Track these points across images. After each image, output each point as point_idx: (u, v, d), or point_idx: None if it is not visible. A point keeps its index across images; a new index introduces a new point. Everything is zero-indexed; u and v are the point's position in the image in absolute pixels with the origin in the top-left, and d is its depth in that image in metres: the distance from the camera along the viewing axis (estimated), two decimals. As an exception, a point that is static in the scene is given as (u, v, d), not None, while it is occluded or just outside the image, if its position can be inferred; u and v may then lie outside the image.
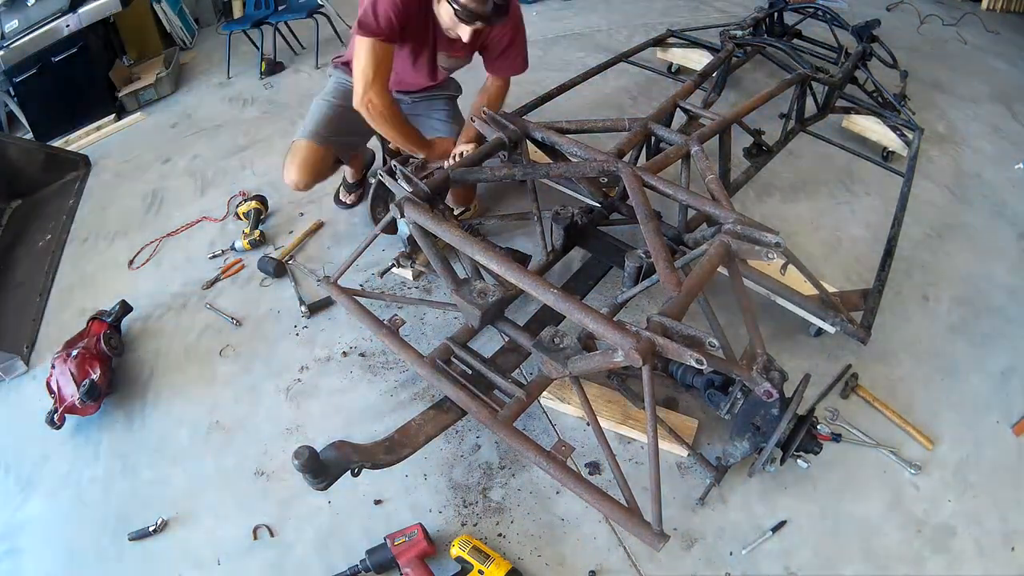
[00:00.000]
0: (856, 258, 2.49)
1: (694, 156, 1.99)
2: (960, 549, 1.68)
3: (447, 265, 1.79)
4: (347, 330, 2.20)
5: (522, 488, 1.78)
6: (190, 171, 3.08)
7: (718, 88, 2.95)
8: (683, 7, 4.68)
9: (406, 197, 1.74)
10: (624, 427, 1.85)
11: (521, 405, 1.60)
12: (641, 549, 1.64)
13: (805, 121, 2.79)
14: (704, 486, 1.75)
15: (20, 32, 3.29)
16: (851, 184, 2.88)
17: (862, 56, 3.17)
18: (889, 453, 1.86)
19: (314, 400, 2.01)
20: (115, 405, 2.04)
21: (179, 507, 1.78)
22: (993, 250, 2.60)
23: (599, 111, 3.34)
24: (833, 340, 2.10)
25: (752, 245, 1.59)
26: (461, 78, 2.51)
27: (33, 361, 2.23)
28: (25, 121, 3.53)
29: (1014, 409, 2.01)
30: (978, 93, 3.71)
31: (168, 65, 3.87)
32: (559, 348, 1.53)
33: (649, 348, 1.32)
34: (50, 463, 1.92)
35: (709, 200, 1.80)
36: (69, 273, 2.59)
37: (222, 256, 2.54)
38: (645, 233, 1.67)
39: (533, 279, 1.51)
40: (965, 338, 2.22)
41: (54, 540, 1.75)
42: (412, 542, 1.57)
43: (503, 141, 2.03)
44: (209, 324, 2.27)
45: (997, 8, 4.87)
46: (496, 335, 2.09)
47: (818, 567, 1.63)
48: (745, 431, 1.57)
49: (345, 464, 1.43)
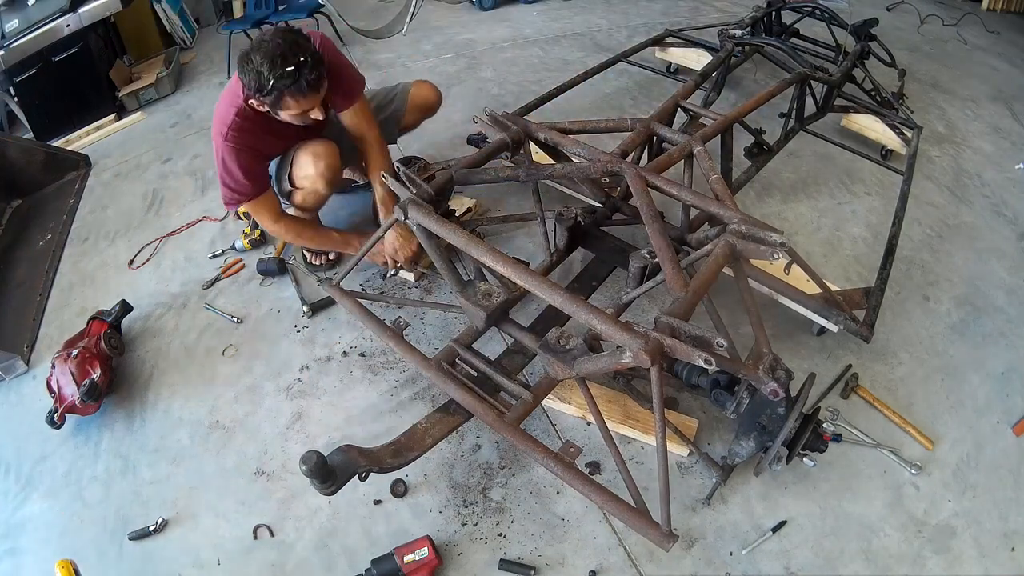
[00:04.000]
0: (856, 258, 2.49)
1: (697, 156, 1.99)
2: (960, 549, 1.68)
3: (451, 267, 1.79)
4: (347, 330, 2.20)
5: (522, 488, 1.78)
6: (190, 171, 3.08)
7: (718, 88, 2.95)
8: (683, 7, 4.68)
9: (410, 199, 1.74)
10: (624, 427, 1.85)
11: (528, 407, 1.60)
12: (641, 549, 1.65)
13: (805, 120, 2.80)
14: (704, 485, 1.75)
15: (20, 32, 3.29)
16: (851, 184, 2.88)
17: (860, 55, 3.17)
18: (889, 453, 1.86)
19: (314, 400, 2.01)
20: (115, 405, 2.04)
21: (179, 507, 1.78)
22: (993, 250, 2.60)
23: (599, 111, 3.34)
24: (833, 340, 2.10)
25: (757, 245, 1.59)
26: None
27: (33, 361, 2.22)
28: (25, 121, 3.52)
29: (1014, 409, 2.01)
30: (978, 93, 3.72)
31: (168, 65, 3.87)
32: (566, 349, 1.53)
33: (658, 349, 1.32)
34: (50, 463, 1.92)
35: (713, 200, 1.80)
36: (69, 273, 2.59)
37: (222, 256, 2.53)
38: (650, 234, 1.67)
39: (540, 280, 1.51)
40: (965, 338, 2.22)
41: (54, 540, 1.74)
42: (423, 561, 1.55)
43: (506, 142, 2.02)
44: (209, 324, 2.27)
45: (997, 8, 4.88)
46: (496, 335, 2.09)
47: (818, 567, 1.63)
48: (751, 430, 1.57)
49: (353, 469, 1.43)
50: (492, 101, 3.39)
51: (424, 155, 2.79)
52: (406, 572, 1.54)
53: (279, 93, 1.76)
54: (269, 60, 1.71)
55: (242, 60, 1.76)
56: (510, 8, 4.68)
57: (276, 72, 1.71)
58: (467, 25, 4.43)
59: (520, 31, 4.31)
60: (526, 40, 4.17)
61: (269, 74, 1.71)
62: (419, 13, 4.05)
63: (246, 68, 1.74)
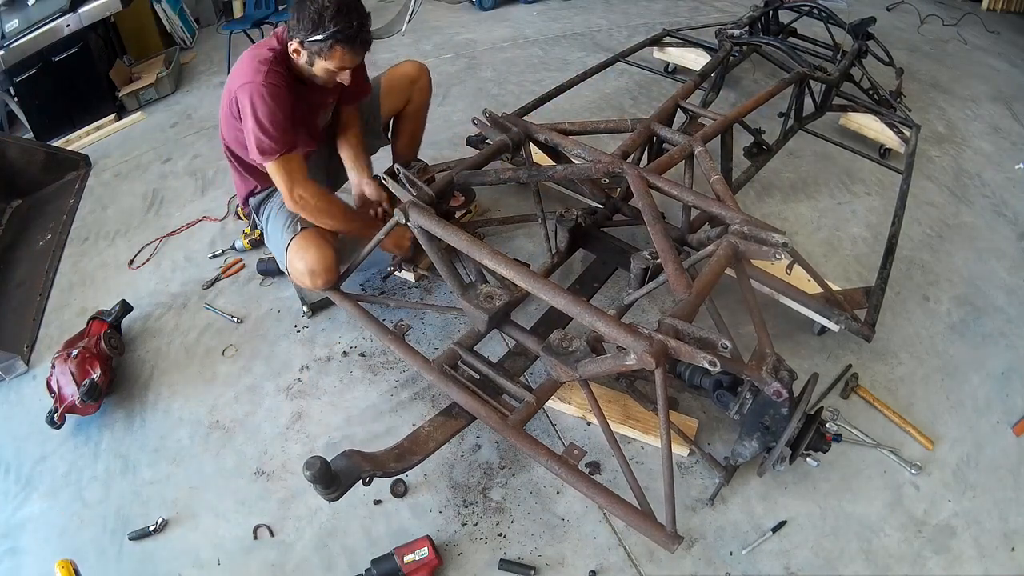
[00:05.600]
0: (856, 257, 2.49)
1: (697, 156, 1.99)
2: (960, 549, 1.68)
3: (452, 269, 1.78)
4: (347, 330, 2.20)
5: (522, 488, 1.78)
6: (190, 171, 3.08)
7: (716, 88, 2.96)
8: (683, 7, 4.68)
9: (411, 201, 1.74)
10: (624, 427, 1.85)
11: (531, 409, 1.60)
12: (641, 549, 1.65)
13: (804, 119, 2.80)
14: (703, 485, 1.75)
15: (20, 32, 3.28)
16: (851, 184, 2.88)
17: (858, 54, 3.17)
18: (889, 453, 1.86)
19: (314, 400, 2.01)
20: (115, 405, 2.04)
21: (179, 507, 1.77)
22: (993, 250, 2.60)
23: (599, 111, 3.35)
24: (833, 340, 2.10)
25: (759, 246, 1.59)
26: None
27: (33, 361, 2.22)
28: (25, 121, 3.51)
29: (1014, 409, 2.01)
30: (978, 93, 3.72)
31: (168, 65, 3.86)
32: (568, 352, 1.53)
33: (662, 351, 1.32)
34: (50, 463, 1.92)
35: (715, 201, 1.80)
36: (69, 273, 2.59)
37: (222, 256, 2.53)
38: (653, 235, 1.67)
39: (543, 283, 1.51)
40: (965, 338, 2.22)
41: (54, 540, 1.74)
42: (423, 561, 1.55)
43: (506, 143, 2.02)
44: (209, 324, 2.26)
45: (997, 8, 4.88)
46: (497, 336, 2.09)
47: (818, 567, 1.63)
48: (754, 431, 1.57)
49: (356, 474, 1.44)
50: (492, 101, 3.39)
51: (423, 156, 2.79)
52: (406, 572, 1.54)
53: (333, 40, 1.74)
54: (336, 5, 1.71)
55: (303, 2, 1.73)
56: (510, 8, 4.68)
57: (342, 19, 1.71)
58: (467, 25, 4.43)
59: (520, 31, 4.31)
60: (526, 40, 4.17)
61: (333, 17, 1.70)
62: (419, 13, 4.05)
63: (305, 7, 1.72)
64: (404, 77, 2.27)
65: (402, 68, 2.29)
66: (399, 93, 2.28)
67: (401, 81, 2.27)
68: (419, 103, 2.34)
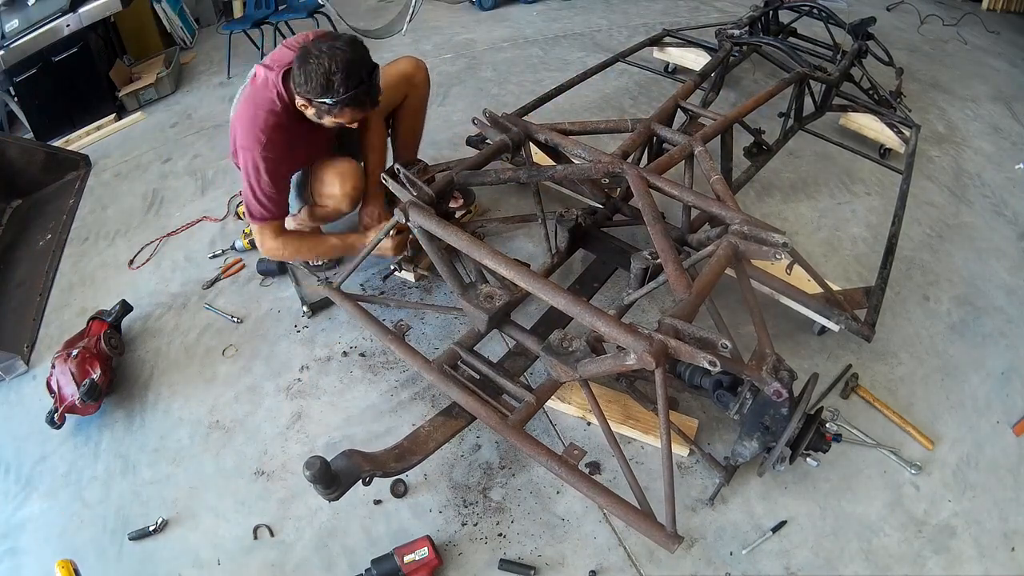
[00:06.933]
0: (856, 257, 2.49)
1: (697, 156, 1.99)
2: (960, 549, 1.69)
3: (452, 269, 1.78)
4: (347, 330, 2.20)
5: (522, 488, 1.78)
6: (190, 171, 3.08)
7: (716, 88, 2.96)
8: (683, 7, 4.68)
9: (411, 201, 1.74)
10: (624, 427, 1.85)
11: (531, 409, 1.60)
12: (641, 549, 1.65)
13: (804, 119, 2.80)
14: (703, 485, 1.75)
15: (20, 32, 3.28)
16: (851, 184, 2.88)
17: (858, 54, 3.17)
18: (889, 453, 1.86)
19: (314, 400, 2.01)
20: (115, 405, 2.04)
21: (179, 507, 1.78)
22: (993, 250, 2.60)
23: (599, 111, 3.35)
24: (833, 340, 2.10)
25: (760, 246, 1.59)
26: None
27: (33, 361, 2.22)
28: (25, 121, 3.52)
29: (1014, 409, 2.01)
30: (978, 93, 3.72)
31: (168, 65, 3.86)
32: (569, 352, 1.53)
33: (663, 351, 1.32)
34: (50, 463, 1.92)
35: (715, 201, 1.80)
36: (69, 273, 2.59)
37: (222, 256, 2.53)
38: (653, 235, 1.67)
39: (543, 283, 1.51)
40: (965, 338, 2.22)
41: (54, 540, 1.74)
42: (423, 561, 1.55)
43: (506, 143, 2.02)
44: (209, 324, 2.26)
45: (997, 8, 4.88)
46: (496, 336, 2.09)
47: (818, 567, 1.63)
48: (754, 431, 1.57)
49: (356, 474, 1.44)
50: (492, 101, 3.39)
51: (423, 156, 2.79)
52: (406, 572, 1.54)
53: (344, 103, 1.74)
54: (344, 70, 1.69)
55: (307, 59, 1.71)
56: (510, 8, 4.68)
57: (352, 82, 1.70)
58: (467, 25, 4.43)
59: (520, 31, 4.31)
60: (526, 40, 4.17)
61: (343, 83, 1.70)
62: (419, 13, 4.04)
63: (311, 68, 1.70)
64: (400, 74, 2.25)
65: (398, 64, 2.27)
66: (395, 90, 2.24)
67: (397, 78, 2.23)
68: (416, 100, 2.33)
